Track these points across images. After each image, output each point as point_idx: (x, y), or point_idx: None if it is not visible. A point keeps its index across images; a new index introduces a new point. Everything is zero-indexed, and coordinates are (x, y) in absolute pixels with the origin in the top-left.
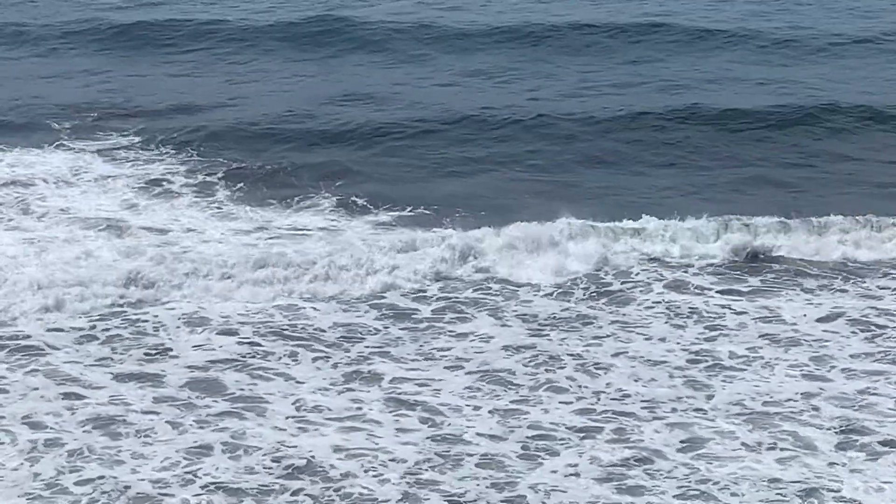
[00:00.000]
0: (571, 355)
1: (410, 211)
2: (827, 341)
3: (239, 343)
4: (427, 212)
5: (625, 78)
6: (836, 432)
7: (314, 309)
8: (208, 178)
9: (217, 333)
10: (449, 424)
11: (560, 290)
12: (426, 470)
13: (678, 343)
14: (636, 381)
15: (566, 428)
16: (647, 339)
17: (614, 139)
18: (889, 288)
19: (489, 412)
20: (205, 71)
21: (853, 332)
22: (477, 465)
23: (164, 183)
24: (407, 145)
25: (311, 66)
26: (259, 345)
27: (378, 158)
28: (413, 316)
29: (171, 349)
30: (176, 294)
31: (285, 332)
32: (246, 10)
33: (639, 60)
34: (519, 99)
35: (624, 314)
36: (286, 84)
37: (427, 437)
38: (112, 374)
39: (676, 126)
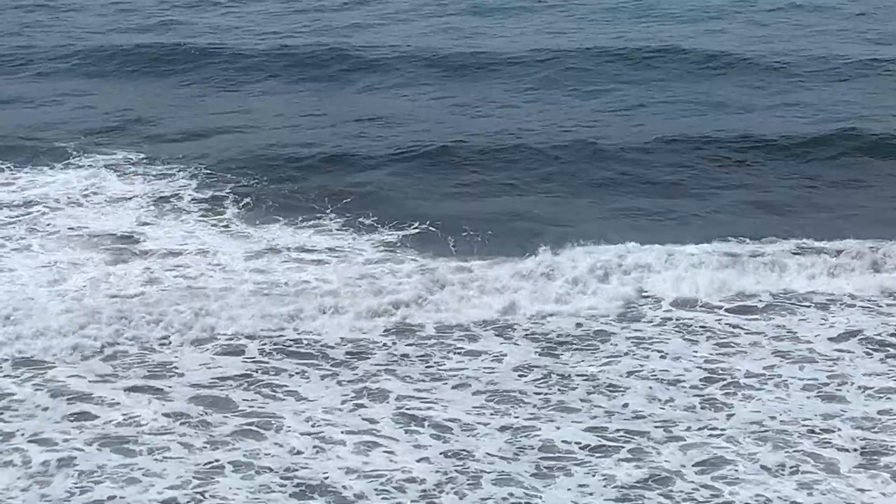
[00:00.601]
0: (582, 376)
1: (416, 230)
2: (842, 360)
3: (244, 361)
4: (433, 229)
5: (634, 103)
6: (858, 454)
7: (322, 326)
8: (217, 194)
9: (224, 353)
10: (457, 441)
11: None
12: (440, 491)
13: (692, 361)
14: (651, 400)
15: (580, 447)
16: (661, 356)
17: (625, 164)
18: None
19: (500, 430)
20: (210, 94)
21: (867, 352)
22: (493, 484)
23: (174, 200)
24: (414, 167)
25: (318, 90)
26: (266, 362)
27: (385, 179)
28: (418, 333)
29: (177, 367)
30: (190, 322)
31: (290, 349)
32: (252, 35)
33: (647, 85)
34: (530, 123)
35: (637, 330)
36: (292, 107)
37: (438, 457)
38: (119, 389)
39: (688, 151)
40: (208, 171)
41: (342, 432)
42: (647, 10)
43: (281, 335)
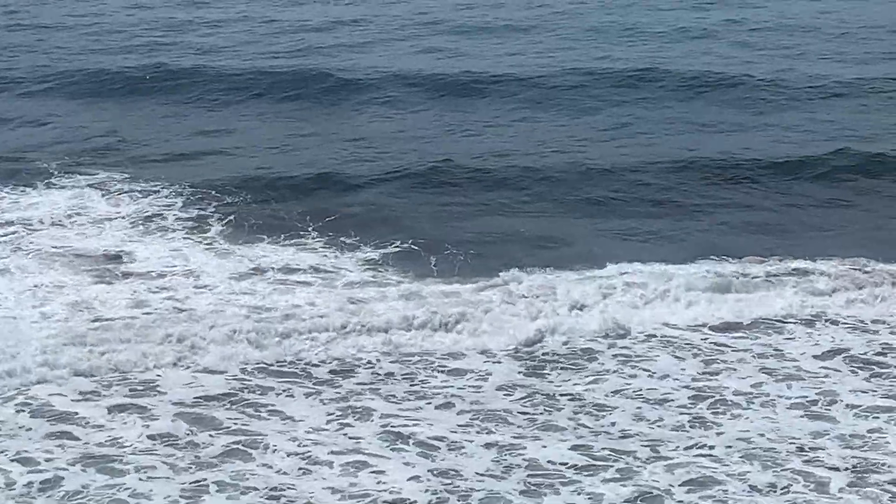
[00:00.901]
0: (567, 395)
1: (398, 248)
2: (829, 378)
3: (227, 380)
4: (416, 248)
5: (621, 124)
6: (849, 473)
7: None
8: (202, 213)
9: (206, 371)
10: (444, 460)
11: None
12: None
13: (679, 379)
14: (639, 419)
15: (567, 466)
16: (649, 375)
17: (612, 185)
18: (883, 322)
19: (486, 448)
20: (194, 114)
21: (853, 371)
22: (482, 503)
23: (157, 219)
24: (400, 187)
25: (302, 110)
26: (249, 381)
27: (370, 199)
28: (402, 351)
29: (160, 386)
30: (176, 344)
31: (273, 368)
32: (236, 56)
33: (634, 106)
34: (516, 144)
35: (623, 348)
36: (276, 128)
37: (427, 475)
38: (103, 408)
39: (675, 171)
40: (193, 191)
41: (329, 452)
42: (633, 30)
43: (264, 353)
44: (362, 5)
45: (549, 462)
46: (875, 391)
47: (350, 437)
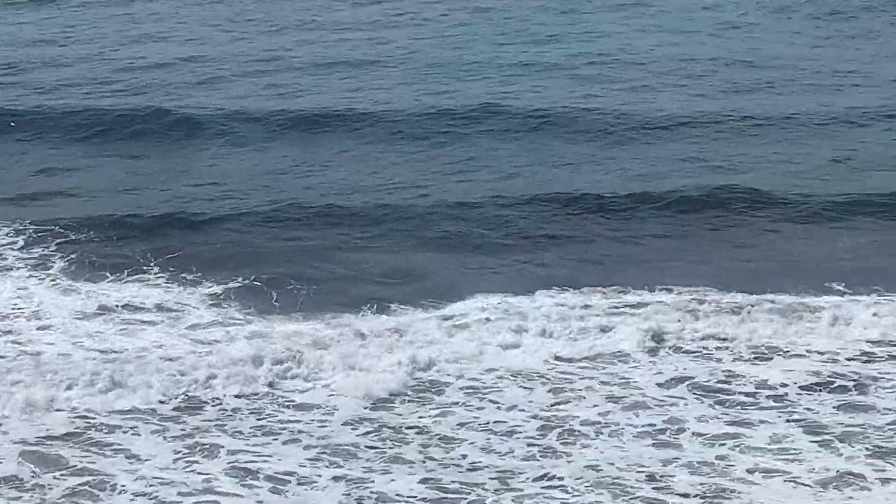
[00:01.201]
0: (414, 428)
1: (239, 283)
2: (675, 406)
3: (70, 418)
4: (258, 283)
5: (463, 159)
6: (699, 500)
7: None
8: (44, 252)
9: (48, 409)
10: (297, 496)
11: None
12: None
13: (526, 410)
14: (488, 451)
15: (417, 499)
16: (497, 406)
17: (457, 221)
18: (726, 349)
19: (335, 482)
20: (33, 154)
21: (698, 398)
22: None
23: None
24: (241, 226)
25: (143, 149)
26: (93, 419)
27: (213, 237)
28: (252, 385)
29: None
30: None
31: (118, 406)
32: (75, 95)
33: (475, 142)
34: (360, 182)
35: (471, 379)
36: (117, 168)
37: None
38: None
39: (516, 206)
40: (35, 229)
41: (178, 493)
42: (475, 64)
43: (109, 391)
44: (202, 42)
45: (398, 495)
46: (720, 418)
47: (199, 474)
